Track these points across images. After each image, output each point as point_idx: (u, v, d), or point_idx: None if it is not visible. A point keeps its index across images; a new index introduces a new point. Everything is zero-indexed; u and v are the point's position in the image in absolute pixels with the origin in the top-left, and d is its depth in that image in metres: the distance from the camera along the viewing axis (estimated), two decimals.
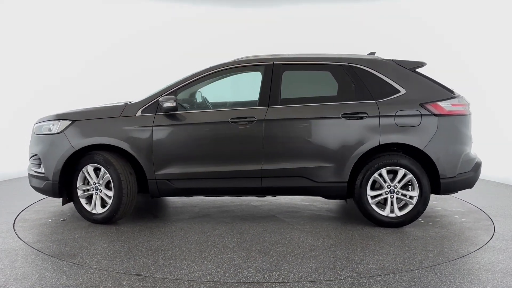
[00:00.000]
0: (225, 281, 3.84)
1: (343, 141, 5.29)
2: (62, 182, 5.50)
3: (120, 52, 9.73)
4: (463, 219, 5.74)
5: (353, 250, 4.59)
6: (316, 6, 10.27)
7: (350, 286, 3.77)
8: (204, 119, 5.44)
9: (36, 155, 5.65)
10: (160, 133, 5.37)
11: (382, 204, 5.43)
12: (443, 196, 6.92)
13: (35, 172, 5.67)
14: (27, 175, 5.96)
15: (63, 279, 3.81)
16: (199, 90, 6.48)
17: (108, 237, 5.05)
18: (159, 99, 5.33)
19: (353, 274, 4.00)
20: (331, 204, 6.51)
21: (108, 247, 4.70)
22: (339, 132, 5.29)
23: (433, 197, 6.82)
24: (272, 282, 3.82)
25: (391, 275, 3.99)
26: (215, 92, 6.78)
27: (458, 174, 5.32)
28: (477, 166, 5.50)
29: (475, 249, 4.72)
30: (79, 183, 5.52)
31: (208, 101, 6.43)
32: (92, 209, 5.50)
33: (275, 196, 6.31)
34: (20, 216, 5.92)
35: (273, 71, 5.49)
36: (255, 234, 5.14)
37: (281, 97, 5.47)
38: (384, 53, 6.39)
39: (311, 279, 3.89)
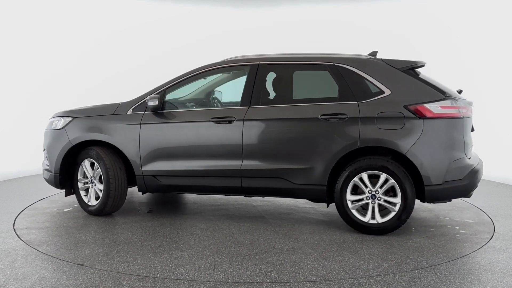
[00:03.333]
0: (153, 276, 3.93)
1: (321, 143, 5.13)
2: (63, 175, 5.90)
3: (121, 51, 9.81)
4: (461, 231, 5.30)
5: (308, 255, 4.45)
6: (316, 6, 10.13)
7: (350, 286, 3.76)
8: (188, 118, 5.55)
9: (45, 149, 6.11)
10: (146, 131, 5.57)
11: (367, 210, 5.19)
12: (458, 205, 6.43)
13: (46, 165, 6.14)
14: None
15: (63, 279, 3.85)
16: (217, 89, 6.64)
17: (89, 228, 5.34)
18: (146, 98, 5.54)
19: (284, 278, 3.90)
20: (331, 208, 6.30)
21: (79, 237, 4.98)
22: (317, 133, 5.14)
23: (446, 206, 6.37)
24: (193, 280, 3.84)
25: (391, 275, 3.97)
26: (229, 93, 6.88)
27: (446, 181, 4.94)
28: (472, 174, 5.04)
29: (475, 249, 4.68)
30: (79, 176, 5.89)
31: (218, 101, 6.54)
32: (88, 201, 5.84)
33: (263, 197, 6.26)
34: (34, 205, 6.43)
35: (257, 71, 5.47)
36: (226, 233, 5.15)
37: (264, 97, 5.44)
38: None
39: (237, 280, 3.86)
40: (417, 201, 5.43)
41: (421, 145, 4.91)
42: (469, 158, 5.14)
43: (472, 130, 5.45)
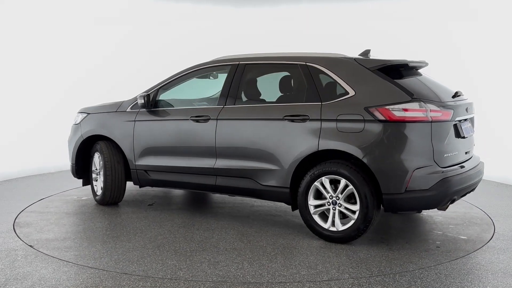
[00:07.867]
0: (81, 264, 4.24)
1: (284, 145, 5.03)
2: (79, 165, 6.50)
3: (122, 51, 9.80)
4: (443, 248, 4.76)
5: (238, 256, 4.44)
6: (316, 6, 9.81)
7: (350, 286, 3.83)
8: (172, 116, 5.78)
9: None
10: (139, 127, 5.92)
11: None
12: (472, 220, 5.75)
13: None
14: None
15: (63, 279, 3.91)
16: None
17: (80, 215, 5.87)
18: (137, 97, 5.89)
19: (185, 276, 3.98)
20: None
21: (60, 222, 5.53)
22: (281, 134, 5.05)
23: (457, 219, 5.74)
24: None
25: (391, 275, 4.02)
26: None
27: (408, 191, 4.54)
28: (442, 184, 4.53)
29: (475, 249, 4.73)
30: (92, 167, 6.44)
31: None
32: (96, 191, 6.36)
33: (244, 197, 6.05)
34: (62, 193, 7.14)
35: (236, 71, 5.51)
36: (190, 230, 5.28)
37: (240, 97, 5.47)
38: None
39: (142, 274, 4.01)
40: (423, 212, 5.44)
41: (380, 150, 4.58)
42: (443, 167, 4.65)
43: (461, 136, 4.91)
